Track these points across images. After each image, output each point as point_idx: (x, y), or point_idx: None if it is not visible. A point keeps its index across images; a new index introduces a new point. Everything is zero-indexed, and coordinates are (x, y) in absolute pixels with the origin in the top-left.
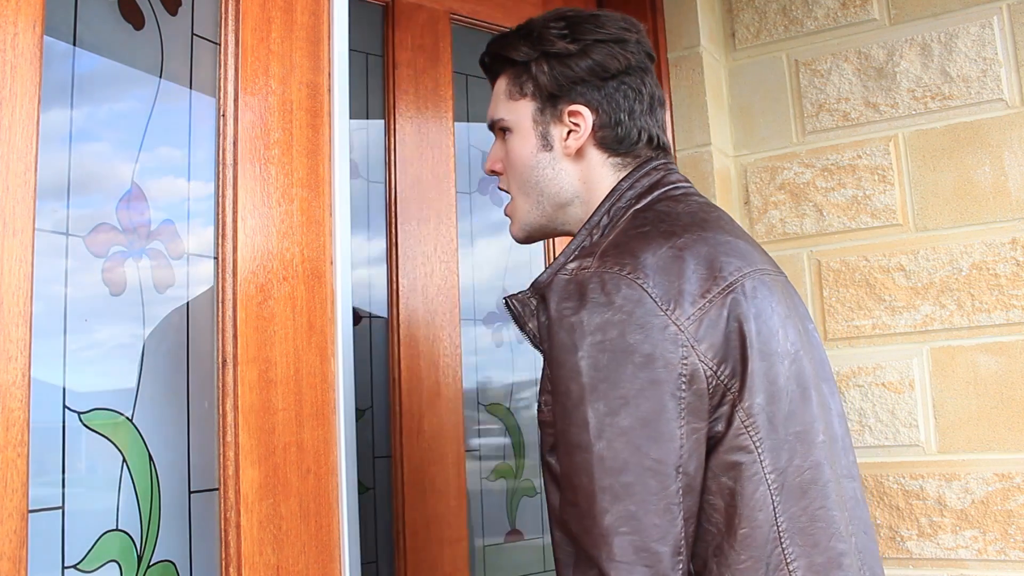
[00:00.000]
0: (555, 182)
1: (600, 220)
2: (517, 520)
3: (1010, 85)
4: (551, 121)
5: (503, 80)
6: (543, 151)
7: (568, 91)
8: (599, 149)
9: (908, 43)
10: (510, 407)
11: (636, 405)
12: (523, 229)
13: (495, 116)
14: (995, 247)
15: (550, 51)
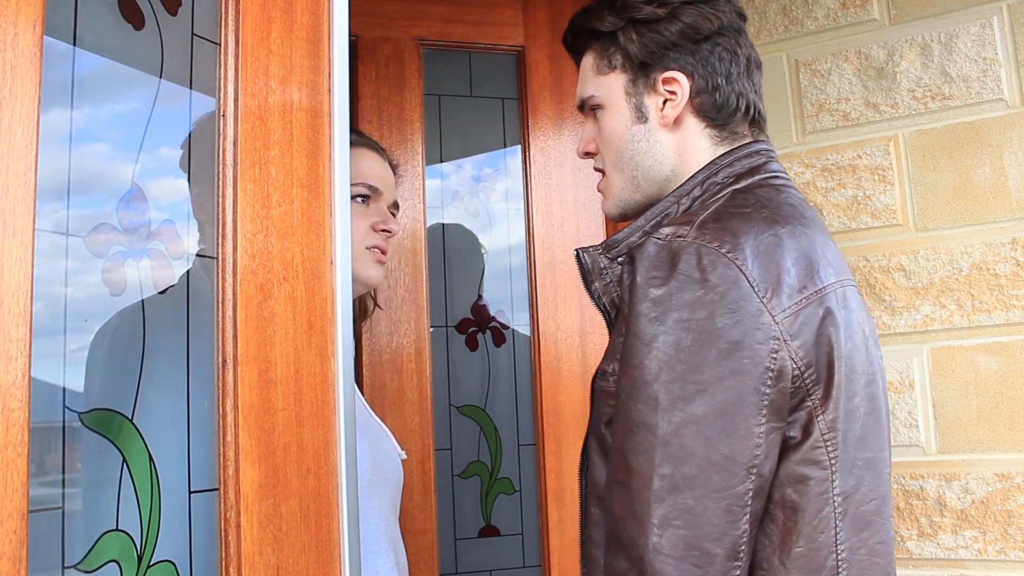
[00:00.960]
0: (651, 155)
1: (692, 190)
2: (492, 517)
3: (1010, 85)
4: (644, 91)
5: (589, 56)
6: (638, 123)
7: (660, 58)
8: (697, 117)
9: (908, 43)
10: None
11: (713, 394)
12: (617, 206)
13: (584, 94)
14: (995, 247)
15: (637, 17)
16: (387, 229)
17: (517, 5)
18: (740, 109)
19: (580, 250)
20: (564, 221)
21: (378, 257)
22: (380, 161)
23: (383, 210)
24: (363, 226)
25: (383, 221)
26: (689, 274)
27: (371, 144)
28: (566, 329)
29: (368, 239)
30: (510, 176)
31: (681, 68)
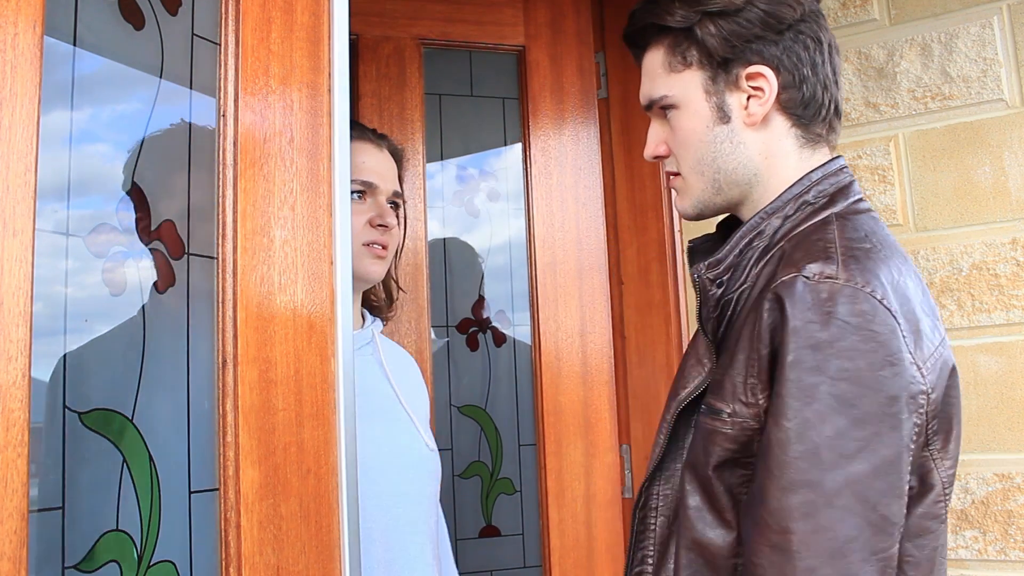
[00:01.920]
0: (734, 157)
1: (784, 208)
2: (493, 517)
3: (1010, 85)
4: (726, 89)
5: (657, 53)
6: (720, 124)
7: (742, 52)
8: (784, 115)
9: (908, 43)
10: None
11: (874, 451)
12: (695, 206)
13: (654, 94)
14: (995, 247)
15: (712, 9)
16: (384, 224)
17: (518, 5)
18: (824, 104)
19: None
20: (564, 221)
21: (377, 252)
22: (377, 153)
23: (380, 204)
24: (359, 223)
25: (380, 216)
26: (848, 320)
27: (367, 135)
28: (566, 329)
29: (365, 235)
30: (510, 176)
31: (766, 61)
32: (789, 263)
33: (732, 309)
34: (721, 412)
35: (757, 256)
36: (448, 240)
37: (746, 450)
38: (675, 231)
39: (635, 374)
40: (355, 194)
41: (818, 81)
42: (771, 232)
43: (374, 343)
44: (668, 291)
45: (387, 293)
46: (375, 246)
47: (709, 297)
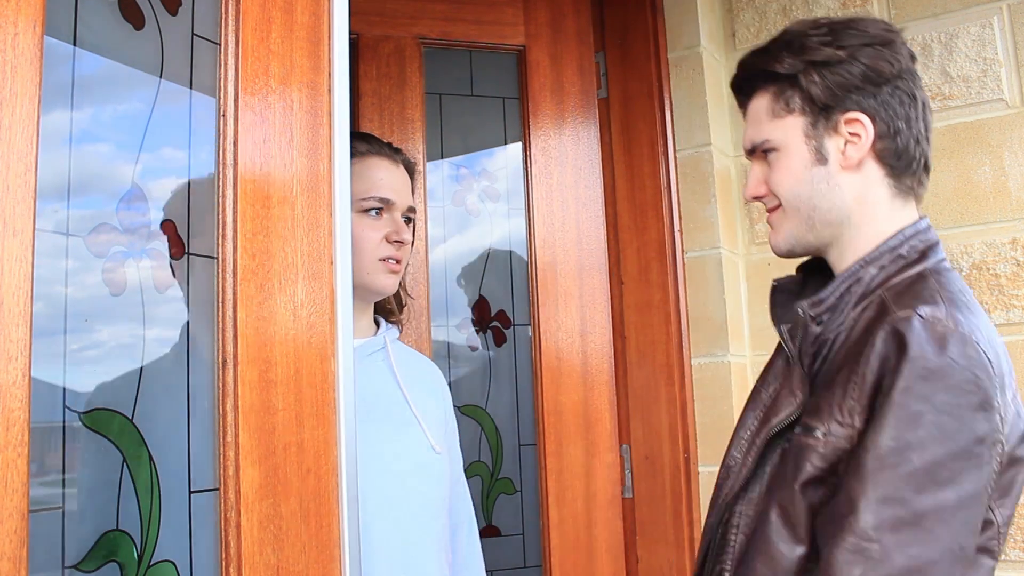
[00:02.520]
0: (829, 197)
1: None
2: (493, 517)
3: (1010, 85)
4: (825, 133)
5: (763, 99)
6: (817, 165)
7: (843, 100)
8: (878, 163)
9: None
10: (486, 408)
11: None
12: (787, 241)
13: (758, 139)
14: (995, 247)
15: (817, 60)
16: (400, 240)
17: (518, 4)
18: (916, 157)
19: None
20: (564, 221)
21: (392, 268)
22: (393, 168)
23: (396, 220)
24: (376, 237)
25: (396, 232)
26: (958, 361)
27: (383, 151)
28: (566, 329)
29: (381, 250)
30: (510, 175)
31: (864, 110)
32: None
33: (828, 347)
34: (814, 430)
35: (855, 301)
36: (448, 240)
37: (833, 470)
38: (675, 231)
39: (635, 374)
40: (372, 211)
41: (911, 135)
42: (868, 280)
43: (386, 349)
44: (668, 291)
45: (396, 301)
46: (390, 261)
47: (809, 333)
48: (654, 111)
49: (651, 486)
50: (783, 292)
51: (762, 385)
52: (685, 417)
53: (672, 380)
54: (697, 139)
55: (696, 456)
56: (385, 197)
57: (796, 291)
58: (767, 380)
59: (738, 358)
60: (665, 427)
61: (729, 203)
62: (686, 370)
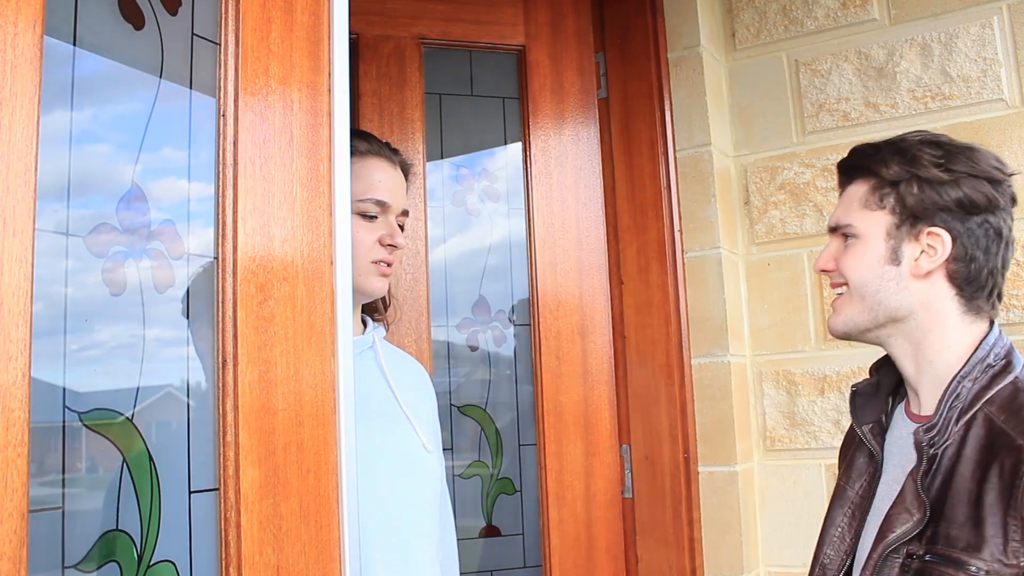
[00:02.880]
0: (896, 297)
1: (973, 372)
2: (493, 517)
3: (1010, 85)
4: (906, 238)
5: (861, 187)
6: (890, 264)
7: (932, 215)
8: (947, 280)
9: (908, 43)
10: (486, 408)
11: None
12: (846, 325)
13: (843, 221)
14: None
15: (922, 175)
16: (394, 244)
17: (518, 4)
18: (986, 287)
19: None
20: (564, 221)
21: (383, 271)
22: (390, 169)
23: (391, 223)
24: (370, 240)
25: (390, 235)
26: None
27: (381, 151)
28: (566, 329)
29: (374, 253)
30: (510, 175)
31: (948, 229)
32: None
33: (938, 463)
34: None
35: (956, 416)
36: (448, 239)
37: None
38: (675, 231)
39: (635, 374)
40: (368, 213)
41: (986, 266)
42: (964, 394)
43: (375, 348)
44: (668, 291)
45: (381, 300)
46: (382, 264)
47: (928, 457)
48: (654, 111)
49: (651, 486)
50: (862, 395)
51: (846, 482)
52: (685, 417)
53: (672, 380)
54: (697, 139)
55: (696, 456)
56: (382, 200)
57: (872, 391)
58: (851, 477)
59: (738, 358)
60: (665, 427)
61: (729, 203)
62: (686, 370)
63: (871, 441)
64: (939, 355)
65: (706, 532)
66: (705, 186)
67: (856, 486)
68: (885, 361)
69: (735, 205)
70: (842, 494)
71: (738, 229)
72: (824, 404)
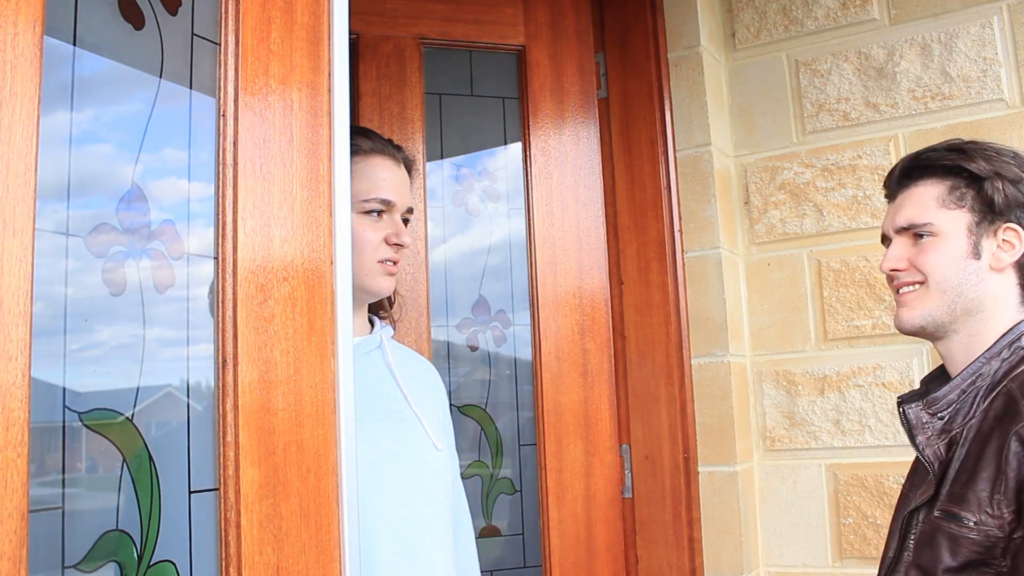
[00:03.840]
0: (978, 289)
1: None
2: (493, 516)
3: (1010, 85)
4: (985, 234)
5: (935, 187)
6: (972, 259)
7: (1011, 211)
8: (1017, 273)
9: (908, 43)
10: (486, 408)
11: None
12: (923, 318)
13: (920, 220)
14: None
15: (1005, 174)
16: (400, 243)
17: (518, 4)
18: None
19: (904, 407)
20: (564, 221)
21: (389, 269)
22: (395, 168)
23: (396, 222)
24: (376, 239)
25: (396, 234)
26: None
27: (385, 149)
28: (566, 329)
29: (380, 252)
30: (510, 175)
31: (1022, 225)
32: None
33: (962, 438)
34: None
35: (983, 393)
36: (448, 239)
37: (990, 553)
38: (675, 231)
39: (635, 374)
40: (373, 212)
41: None
42: (991, 372)
43: (382, 347)
44: (668, 291)
45: (387, 298)
46: (388, 263)
47: (927, 429)
48: (654, 111)
49: (651, 486)
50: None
51: (909, 488)
52: (685, 417)
53: (672, 380)
54: (697, 139)
55: (696, 456)
56: (387, 198)
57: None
58: (914, 484)
59: (738, 358)
60: (665, 427)
61: (729, 203)
62: (686, 370)
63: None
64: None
65: (706, 532)
66: (705, 186)
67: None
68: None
69: (735, 205)
70: (905, 500)
71: (738, 229)
72: (824, 404)
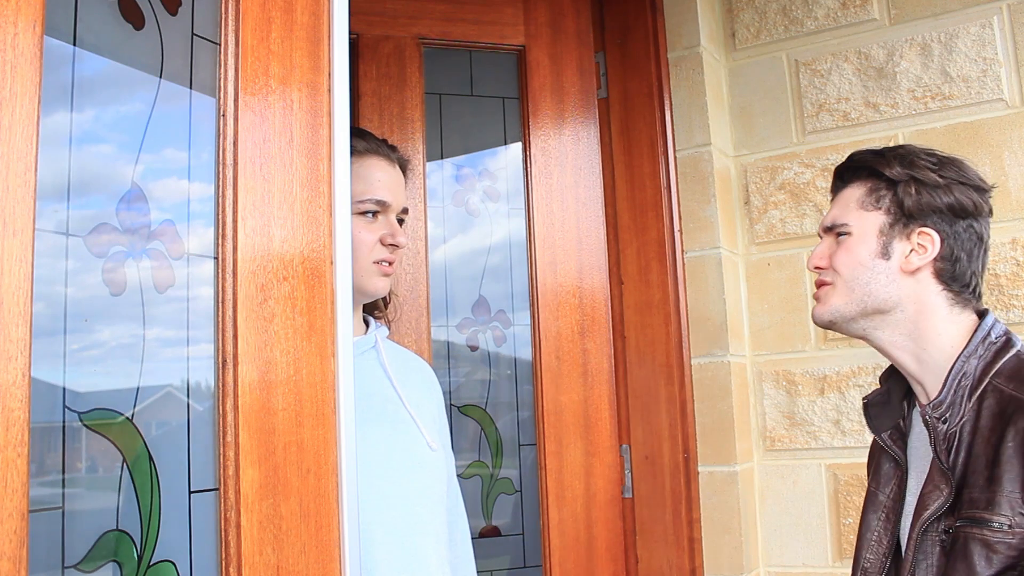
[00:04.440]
0: (886, 289)
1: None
2: (493, 516)
3: (1010, 85)
4: (898, 236)
5: (858, 189)
6: (880, 259)
7: (924, 216)
8: (934, 278)
9: (908, 43)
10: (486, 408)
11: None
12: (832, 314)
13: (839, 221)
14: (995, 247)
15: (919, 177)
16: (395, 243)
17: (518, 4)
18: (970, 285)
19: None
20: (564, 221)
21: (385, 270)
22: (389, 169)
23: (392, 222)
24: (371, 240)
25: (391, 235)
26: None
27: (380, 149)
28: (566, 329)
29: (376, 253)
30: (510, 175)
31: (938, 231)
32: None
33: (957, 439)
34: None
35: (968, 392)
36: (448, 239)
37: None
38: (675, 231)
39: (635, 374)
40: (368, 213)
41: (969, 267)
42: (972, 371)
43: (377, 347)
44: (668, 291)
45: (383, 299)
46: (384, 263)
47: (939, 432)
48: (654, 111)
49: (651, 486)
50: (875, 405)
51: (877, 488)
52: (685, 417)
53: (672, 380)
54: (697, 139)
55: (696, 456)
56: (382, 199)
57: (884, 399)
58: (880, 482)
59: (738, 358)
60: (665, 427)
61: (729, 203)
62: (686, 370)
63: (892, 447)
64: (933, 342)
65: (706, 532)
66: (705, 186)
67: (887, 490)
68: (892, 372)
69: (735, 205)
70: (874, 499)
71: (738, 229)
72: (824, 404)
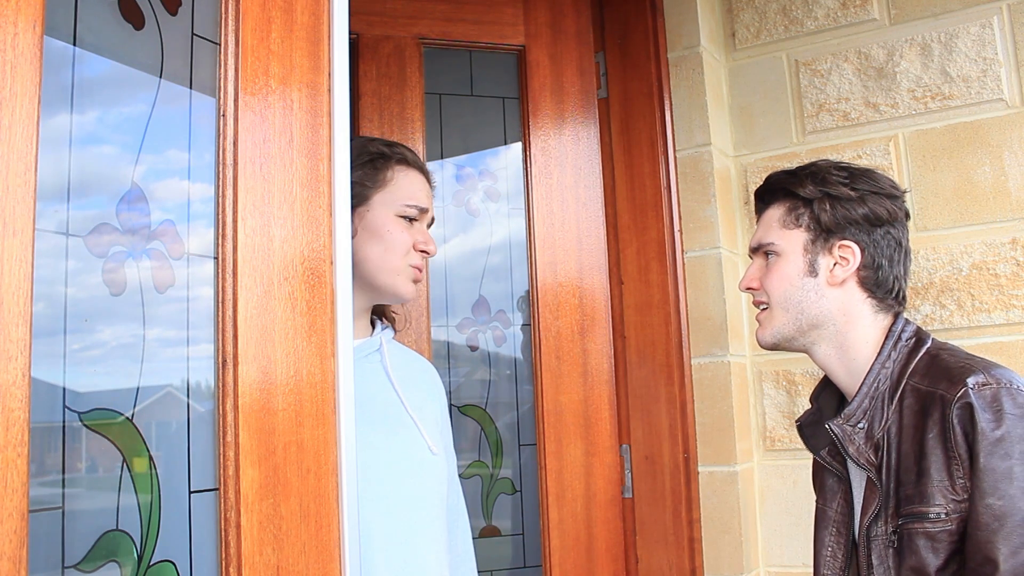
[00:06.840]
0: (817, 305)
1: (890, 355)
2: (493, 517)
3: (1010, 85)
4: (821, 252)
5: (777, 209)
6: (808, 276)
7: (842, 229)
8: (859, 287)
9: (908, 43)
10: (486, 408)
11: None
12: (774, 336)
13: (765, 240)
14: (995, 247)
15: (832, 193)
16: (427, 251)
17: (518, 4)
18: (893, 290)
19: (829, 425)
20: (564, 221)
21: (416, 276)
22: (425, 183)
23: (424, 230)
24: (408, 242)
25: (425, 242)
26: (1013, 412)
27: (421, 166)
28: (566, 329)
29: (411, 257)
30: (510, 175)
31: (857, 241)
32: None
33: (887, 441)
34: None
35: (887, 396)
36: (449, 239)
37: (962, 539)
38: (675, 231)
39: (635, 374)
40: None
41: (891, 272)
42: (887, 375)
43: (381, 350)
44: (668, 291)
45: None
46: (415, 269)
47: (855, 439)
48: (654, 111)
49: (651, 486)
50: (808, 426)
51: (824, 504)
52: (685, 417)
53: (672, 380)
54: (697, 139)
55: (696, 456)
56: (425, 207)
57: (816, 418)
58: (827, 498)
59: (738, 358)
60: (665, 427)
61: (729, 203)
62: (686, 370)
63: (832, 463)
64: (859, 351)
65: (706, 532)
66: (705, 186)
67: (834, 505)
68: (822, 389)
69: (735, 205)
70: (823, 516)
71: (738, 229)
72: None
